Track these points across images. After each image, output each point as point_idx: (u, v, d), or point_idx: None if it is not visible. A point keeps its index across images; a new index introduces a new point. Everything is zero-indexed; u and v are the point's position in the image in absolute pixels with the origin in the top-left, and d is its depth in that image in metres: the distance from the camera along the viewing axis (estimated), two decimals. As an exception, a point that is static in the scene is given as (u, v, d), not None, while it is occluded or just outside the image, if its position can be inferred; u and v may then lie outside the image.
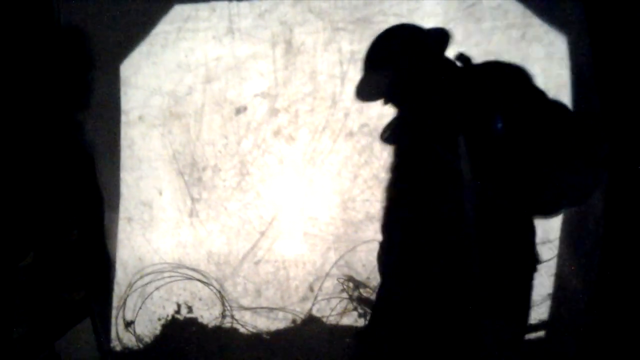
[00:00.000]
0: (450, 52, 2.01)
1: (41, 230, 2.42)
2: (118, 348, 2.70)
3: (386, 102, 2.02)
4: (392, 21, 2.55)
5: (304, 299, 2.68)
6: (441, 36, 1.92)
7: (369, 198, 2.64)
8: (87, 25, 2.51)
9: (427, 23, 2.51)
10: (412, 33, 1.97)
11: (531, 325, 2.53)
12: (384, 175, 2.63)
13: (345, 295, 2.69)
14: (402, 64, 1.90)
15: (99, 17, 2.50)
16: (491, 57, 2.48)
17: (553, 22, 2.42)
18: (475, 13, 2.49)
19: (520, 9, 2.45)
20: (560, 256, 2.48)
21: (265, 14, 2.53)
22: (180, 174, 2.64)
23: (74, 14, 2.49)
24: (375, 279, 2.66)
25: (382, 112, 2.60)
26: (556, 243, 2.47)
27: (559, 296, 2.49)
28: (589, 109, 2.38)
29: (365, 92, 2.05)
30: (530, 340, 2.51)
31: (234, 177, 2.64)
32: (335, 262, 2.66)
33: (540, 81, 2.44)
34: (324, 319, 2.68)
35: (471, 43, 2.50)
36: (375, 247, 2.65)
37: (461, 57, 1.81)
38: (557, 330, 2.50)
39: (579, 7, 2.36)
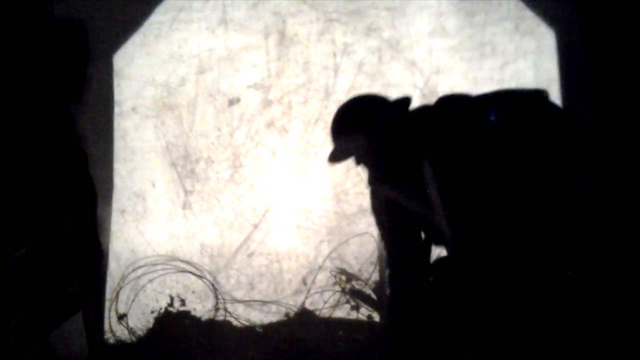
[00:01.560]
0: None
1: (34, 222, 2.41)
2: (111, 341, 2.68)
3: (358, 163, 2.13)
4: (384, 15, 2.55)
5: (297, 292, 2.67)
6: (403, 99, 2.04)
7: (361, 191, 2.62)
8: (81, 16, 2.51)
9: (420, 16, 2.51)
10: (374, 100, 2.11)
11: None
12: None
13: (337, 288, 2.68)
14: (369, 127, 2.01)
15: (93, 7, 2.50)
16: (486, 49, 2.48)
17: (544, 15, 2.41)
18: (468, 5, 2.49)
19: (513, 1, 2.45)
20: None
21: (259, 5, 2.53)
22: (174, 165, 2.63)
23: (67, 4, 2.49)
24: (366, 271, 2.65)
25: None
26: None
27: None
28: (577, 102, 2.37)
29: (337, 156, 2.15)
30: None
31: (227, 169, 2.64)
32: (328, 255, 2.65)
33: (531, 75, 2.45)
34: (317, 312, 2.67)
35: (464, 35, 2.49)
36: (367, 240, 2.66)
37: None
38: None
39: (570, 1, 2.35)
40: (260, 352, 2.61)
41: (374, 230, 2.67)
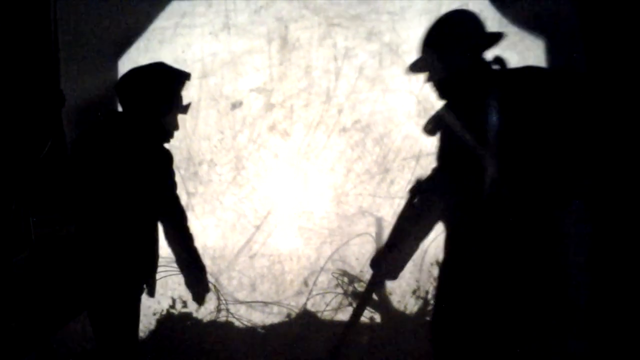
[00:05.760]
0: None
1: (37, 225, 2.42)
2: (112, 343, 2.69)
3: (426, 81, 1.89)
4: (385, 19, 2.61)
5: (299, 293, 2.69)
6: (496, 36, 1.85)
7: (361, 192, 2.67)
8: (85, 21, 2.54)
9: (420, 21, 2.57)
10: (475, 25, 1.84)
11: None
12: (376, 170, 2.67)
13: (339, 290, 2.70)
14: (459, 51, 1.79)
15: (97, 13, 2.53)
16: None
17: (529, 28, 2.46)
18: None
19: (497, 17, 2.49)
20: None
21: (261, 10, 2.58)
22: (176, 168, 2.65)
23: (71, 11, 2.52)
24: (368, 272, 2.68)
25: (375, 109, 2.65)
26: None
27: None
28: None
29: (416, 65, 1.90)
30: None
31: (229, 171, 2.67)
32: (330, 257, 2.68)
33: None
34: (319, 314, 2.69)
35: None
36: (367, 240, 2.69)
37: (498, 60, 1.80)
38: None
39: (556, 13, 2.41)
40: (262, 354, 2.63)
41: (373, 230, 2.71)
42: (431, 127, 1.94)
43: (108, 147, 2.02)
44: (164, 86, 1.97)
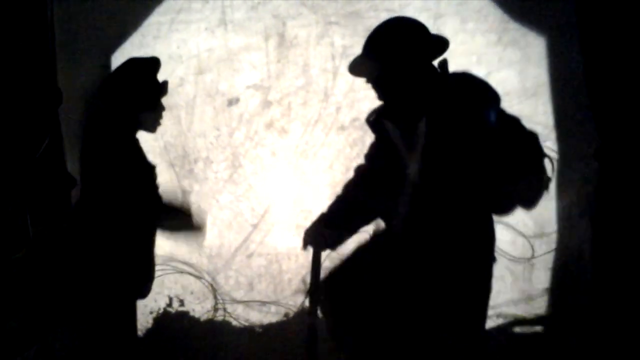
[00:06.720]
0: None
1: (35, 223, 2.38)
2: (108, 343, 2.66)
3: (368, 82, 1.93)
4: (384, 17, 2.57)
5: (297, 292, 2.68)
6: (442, 44, 1.87)
7: (359, 191, 2.66)
8: (82, 18, 2.49)
9: (419, 18, 2.55)
10: (420, 32, 1.89)
11: (528, 320, 2.57)
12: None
13: (337, 287, 2.70)
14: (401, 58, 1.83)
15: (93, 10, 2.48)
16: (473, 57, 2.53)
17: (531, 25, 2.48)
18: (462, 12, 2.54)
19: (499, 13, 2.51)
20: (557, 250, 2.51)
21: (259, 7, 2.55)
22: (171, 165, 2.63)
23: (68, 8, 2.46)
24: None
25: (373, 107, 2.64)
26: (553, 237, 2.51)
27: (556, 290, 2.54)
28: (570, 104, 2.44)
29: (354, 67, 1.95)
30: (528, 335, 2.56)
31: (225, 169, 2.64)
32: (328, 255, 2.66)
33: (517, 82, 2.51)
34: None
35: (457, 41, 2.53)
36: (364, 238, 2.68)
37: (442, 64, 1.84)
38: (555, 324, 2.53)
39: (558, 9, 2.41)
40: (259, 353, 2.62)
41: (370, 228, 2.71)
42: (373, 119, 2.01)
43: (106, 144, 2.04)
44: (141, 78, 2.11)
